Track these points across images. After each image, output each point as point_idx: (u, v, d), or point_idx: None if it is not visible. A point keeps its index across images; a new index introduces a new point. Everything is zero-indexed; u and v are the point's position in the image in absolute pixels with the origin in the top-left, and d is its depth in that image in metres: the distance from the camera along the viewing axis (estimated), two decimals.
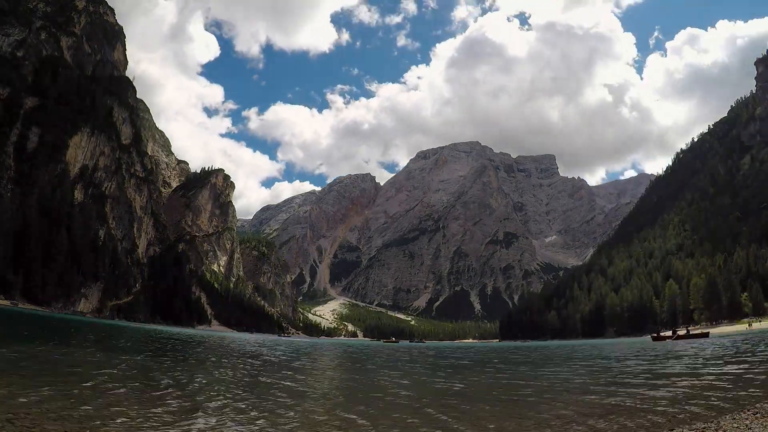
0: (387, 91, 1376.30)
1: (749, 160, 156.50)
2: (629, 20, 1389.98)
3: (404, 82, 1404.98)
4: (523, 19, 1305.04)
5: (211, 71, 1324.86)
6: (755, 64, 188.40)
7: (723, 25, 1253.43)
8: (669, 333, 64.07)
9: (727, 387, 12.31)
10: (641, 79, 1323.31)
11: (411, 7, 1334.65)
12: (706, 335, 54.78)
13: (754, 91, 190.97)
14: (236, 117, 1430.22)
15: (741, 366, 17.69)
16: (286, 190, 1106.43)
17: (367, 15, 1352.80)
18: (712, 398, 10.65)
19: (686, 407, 9.73)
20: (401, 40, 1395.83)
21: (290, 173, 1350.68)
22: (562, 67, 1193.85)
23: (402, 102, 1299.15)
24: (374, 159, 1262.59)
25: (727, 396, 10.87)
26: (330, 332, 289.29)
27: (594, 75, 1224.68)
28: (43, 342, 23.35)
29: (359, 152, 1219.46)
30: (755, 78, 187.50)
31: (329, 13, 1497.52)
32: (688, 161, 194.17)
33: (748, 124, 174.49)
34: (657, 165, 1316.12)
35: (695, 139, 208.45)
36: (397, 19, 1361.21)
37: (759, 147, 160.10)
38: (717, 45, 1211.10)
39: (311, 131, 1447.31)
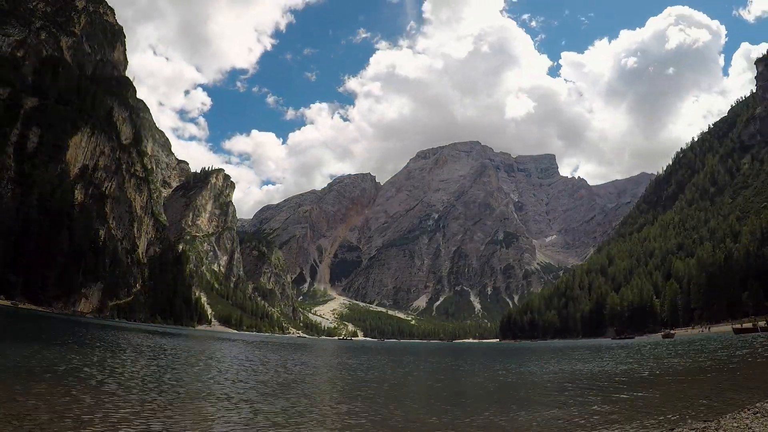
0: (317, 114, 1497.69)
1: (749, 159, 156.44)
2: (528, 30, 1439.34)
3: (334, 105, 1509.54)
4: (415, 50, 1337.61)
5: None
6: (755, 63, 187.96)
7: (602, 43, 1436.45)
8: (750, 325, 57.88)
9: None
10: (554, 89, 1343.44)
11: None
12: None
13: (753, 91, 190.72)
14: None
15: None
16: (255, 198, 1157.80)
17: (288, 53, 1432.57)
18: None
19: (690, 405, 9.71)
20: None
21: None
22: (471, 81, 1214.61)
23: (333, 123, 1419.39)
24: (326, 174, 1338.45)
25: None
26: (330, 332, 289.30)
27: (503, 84, 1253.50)
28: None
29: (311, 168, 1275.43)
30: (755, 77, 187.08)
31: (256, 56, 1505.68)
32: (688, 161, 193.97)
33: (748, 123, 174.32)
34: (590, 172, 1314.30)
35: (695, 139, 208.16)
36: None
37: (759, 147, 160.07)
38: (600, 59, 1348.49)
39: (259, 153, 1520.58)
